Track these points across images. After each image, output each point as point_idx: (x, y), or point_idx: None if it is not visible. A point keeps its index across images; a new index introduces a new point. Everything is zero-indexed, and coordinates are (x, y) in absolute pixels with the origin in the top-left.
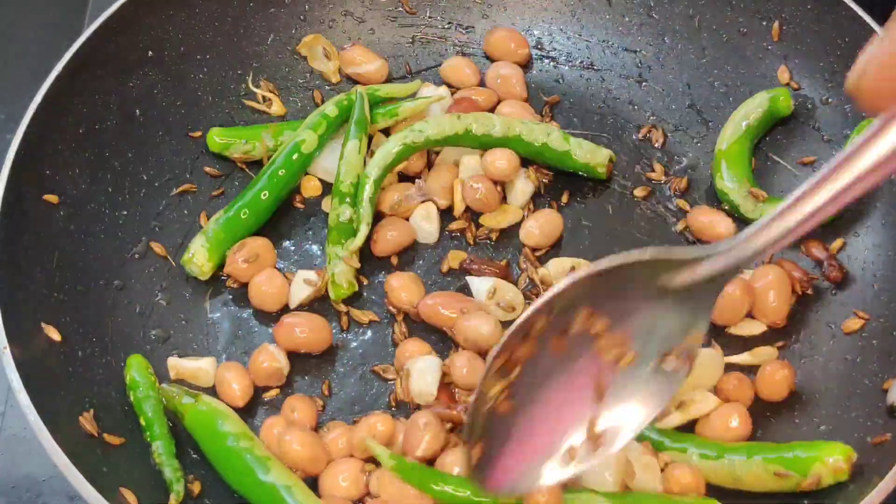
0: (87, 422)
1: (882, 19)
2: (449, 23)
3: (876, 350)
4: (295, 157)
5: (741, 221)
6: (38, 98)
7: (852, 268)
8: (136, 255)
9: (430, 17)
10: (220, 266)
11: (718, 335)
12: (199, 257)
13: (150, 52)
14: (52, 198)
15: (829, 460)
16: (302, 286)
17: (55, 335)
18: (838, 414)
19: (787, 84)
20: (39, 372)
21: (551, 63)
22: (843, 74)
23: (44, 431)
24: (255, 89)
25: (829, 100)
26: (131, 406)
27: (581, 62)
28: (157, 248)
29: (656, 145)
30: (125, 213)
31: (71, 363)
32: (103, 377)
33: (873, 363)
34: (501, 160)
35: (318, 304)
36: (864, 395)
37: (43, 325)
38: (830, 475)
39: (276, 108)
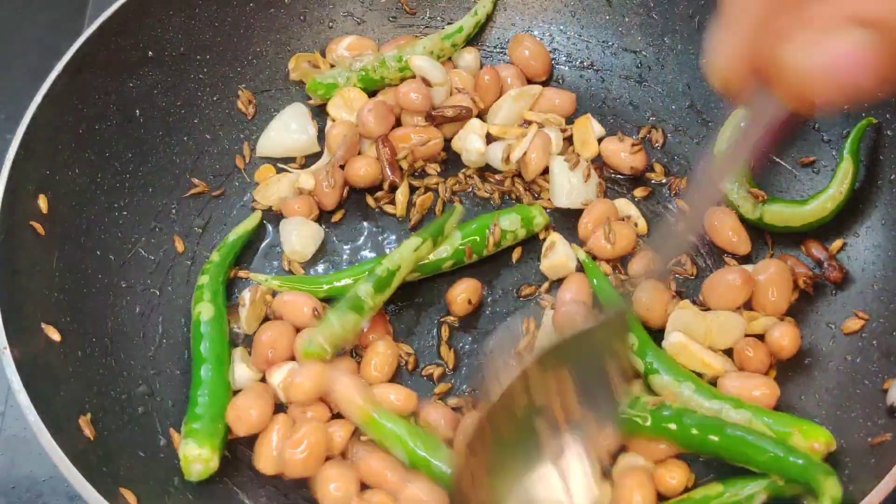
0: (85, 425)
1: None
2: (449, 23)
3: (876, 350)
4: (200, 327)
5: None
6: (38, 98)
7: (852, 268)
8: (137, 255)
9: (430, 18)
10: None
11: None
12: (191, 450)
13: (150, 52)
14: (51, 197)
15: (805, 438)
16: (243, 369)
17: (55, 335)
18: (838, 414)
19: None
20: (39, 372)
21: (551, 63)
22: None
23: (44, 431)
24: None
25: None
26: (131, 406)
27: (581, 62)
28: (157, 248)
29: (656, 145)
30: (125, 213)
31: (71, 363)
32: (103, 377)
33: (873, 363)
34: None
35: None
36: (864, 395)
37: (43, 325)
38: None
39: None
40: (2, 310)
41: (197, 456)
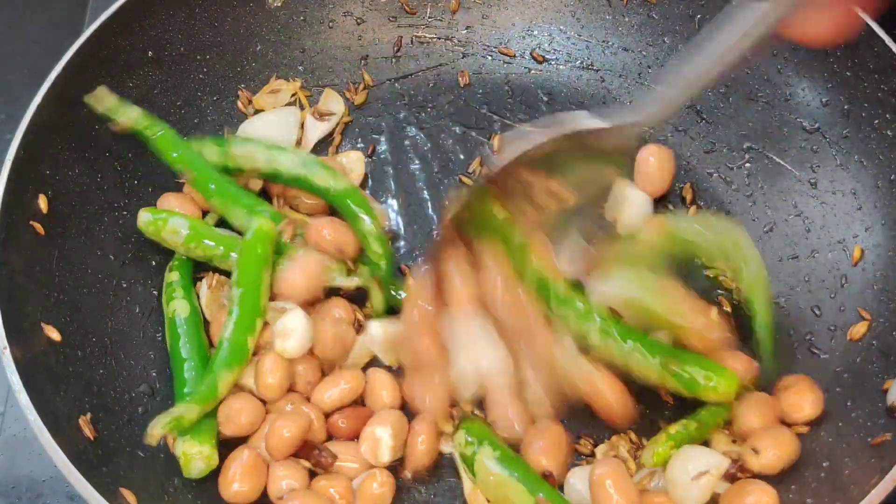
0: (85, 425)
1: (882, 19)
2: (449, 23)
3: (876, 350)
4: (176, 327)
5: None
6: (37, 98)
7: (852, 268)
8: (136, 255)
9: (430, 17)
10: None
11: None
12: (191, 447)
13: (150, 52)
14: (51, 197)
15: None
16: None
17: (55, 335)
18: (838, 414)
19: None
20: (39, 372)
21: (551, 63)
22: (843, 75)
23: (44, 432)
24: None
25: (829, 100)
26: (131, 406)
27: (581, 62)
28: (158, 248)
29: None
30: (125, 213)
31: (71, 363)
32: (103, 377)
33: (873, 363)
34: None
35: None
36: (864, 395)
37: (43, 325)
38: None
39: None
40: (2, 310)
41: (198, 453)
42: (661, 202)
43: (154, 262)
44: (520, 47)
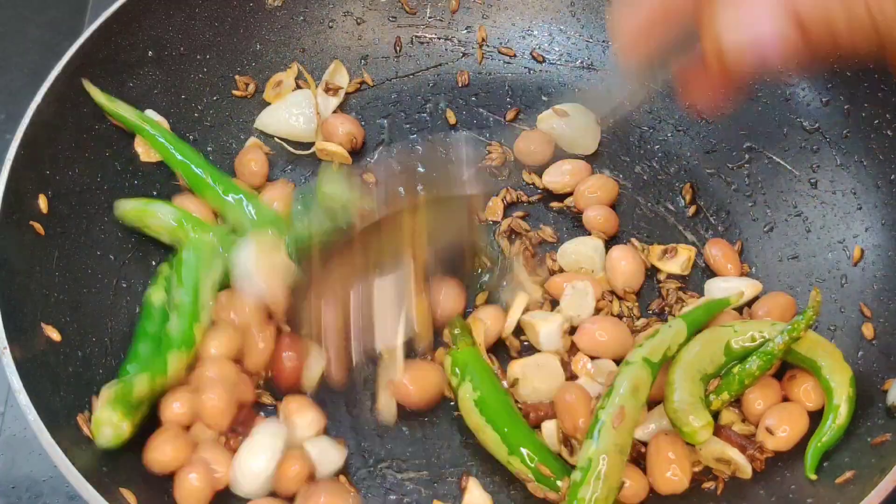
0: (83, 424)
1: None
2: (449, 23)
3: (876, 350)
4: (151, 308)
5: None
6: (38, 98)
7: (852, 268)
8: (137, 255)
9: (430, 18)
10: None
11: None
12: (104, 413)
13: (150, 52)
14: (51, 197)
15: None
16: None
17: (55, 335)
18: None
19: None
20: (39, 372)
21: (551, 63)
22: (843, 75)
23: (44, 431)
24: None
25: (829, 100)
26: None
27: (581, 62)
28: (158, 248)
29: (656, 146)
30: None
31: (71, 363)
32: (103, 377)
33: (873, 363)
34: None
35: None
36: (864, 395)
37: (43, 325)
38: None
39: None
40: (2, 310)
41: (108, 420)
42: (651, 198)
43: (154, 262)
44: (520, 47)
